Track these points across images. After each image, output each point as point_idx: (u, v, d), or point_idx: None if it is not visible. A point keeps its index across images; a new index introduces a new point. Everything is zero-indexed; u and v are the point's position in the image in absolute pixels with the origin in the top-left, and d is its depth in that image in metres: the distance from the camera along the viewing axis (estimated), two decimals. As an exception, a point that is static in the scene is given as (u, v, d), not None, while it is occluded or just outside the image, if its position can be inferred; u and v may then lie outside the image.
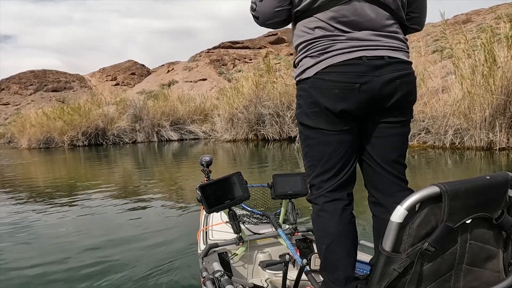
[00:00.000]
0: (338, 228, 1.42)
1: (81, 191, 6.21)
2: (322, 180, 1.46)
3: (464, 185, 1.10)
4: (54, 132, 17.97)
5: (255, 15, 1.49)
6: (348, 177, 1.47)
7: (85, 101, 20.96)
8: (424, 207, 1.10)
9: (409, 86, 1.43)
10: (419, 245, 1.11)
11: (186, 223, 4.00)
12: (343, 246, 1.42)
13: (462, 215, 1.11)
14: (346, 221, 1.44)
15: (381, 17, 1.39)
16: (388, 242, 1.12)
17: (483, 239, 1.18)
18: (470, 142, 7.83)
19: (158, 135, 17.87)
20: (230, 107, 14.50)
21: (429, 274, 1.13)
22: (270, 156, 9.71)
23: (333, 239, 1.42)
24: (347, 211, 1.45)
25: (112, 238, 3.61)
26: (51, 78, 40.26)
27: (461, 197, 1.10)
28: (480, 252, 1.18)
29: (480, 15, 27.65)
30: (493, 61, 7.53)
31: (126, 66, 43.15)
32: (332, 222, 1.43)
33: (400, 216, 1.09)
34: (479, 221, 1.16)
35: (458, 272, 1.16)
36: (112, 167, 9.78)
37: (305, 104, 1.45)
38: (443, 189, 1.08)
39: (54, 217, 4.58)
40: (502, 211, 1.19)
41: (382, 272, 1.13)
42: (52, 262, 3.06)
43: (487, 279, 1.21)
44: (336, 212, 1.43)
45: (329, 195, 1.45)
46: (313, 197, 1.50)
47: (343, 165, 1.45)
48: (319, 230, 1.47)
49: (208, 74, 33.83)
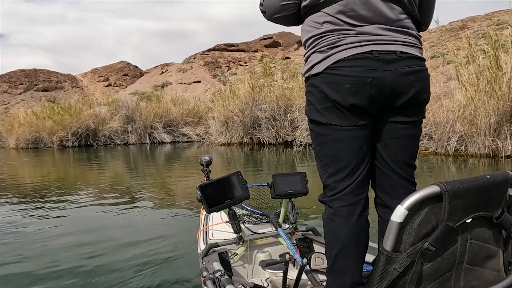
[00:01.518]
0: (352, 234, 1.39)
1: (71, 193, 6.11)
2: (336, 180, 1.41)
3: (465, 184, 1.11)
4: (43, 132, 17.73)
5: (262, 10, 1.49)
6: (363, 177, 1.41)
7: (76, 101, 20.55)
8: (425, 207, 1.10)
9: (423, 83, 1.39)
10: (420, 245, 1.11)
11: (186, 223, 4.02)
12: (354, 253, 1.40)
13: (462, 215, 1.11)
14: (361, 227, 1.40)
15: (392, 11, 1.36)
16: (389, 242, 1.12)
17: (483, 238, 1.19)
18: (474, 149, 7.65)
19: (150, 137, 17.74)
20: (226, 110, 14.38)
21: (430, 274, 1.13)
22: (266, 160, 9.64)
23: (345, 245, 1.39)
24: (362, 217, 1.41)
25: (111, 240, 3.59)
26: (41, 78, 39.73)
27: (461, 196, 1.10)
28: (481, 251, 1.19)
29: (476, 22, 27.82)
30: (498, 67, 7.35)
31: (118, 67, 42.76)
32: (346, 228, 1.39)
33: (400, 215, 1.09)
34: (479, 221, 1.16)
35: (459, 271, 1.16)
36: (104, 169, 9.64)
37: (316, 100, 1.41)
38: (443, 189, 1.08)
39: (43, 222, 4.48)
40: (502, 210, 1.19)
41: (383, 272, 1.13)
42: (47, 271, 2.94)
43: (487, 278, 1.21)
44: (351, 218, 1.39)
45: (346, 198, 1.40)
46: (328, 199, 1.44)
47: (357, 163, 1.40)
48: (331, 235, 1.43)
49: (202, 76, 33.61)
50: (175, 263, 2.86)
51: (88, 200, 5.49)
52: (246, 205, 2.37)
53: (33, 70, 39.79)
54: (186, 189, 6.08)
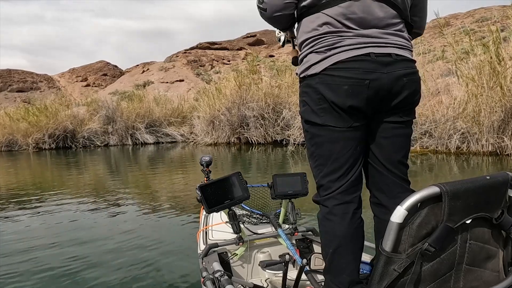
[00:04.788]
0: (348, 232, 1.42)
1: (49, 198, 5.86)
2: (331, 180, 1.45)
3: (464, 185, 1.12)
4: (18, 134, 17.06)
5: (262, 7, 1.49)
6: (357, 177, 1.47)
7: (52, 101, 19.64)
8: (424, 207, 1.12)
9: (416, 85, 1.46)
10: (419, 245, 1.12)
11: (185, 224, 4.06)
12: (350, 251, 1.43)
13: (462, 215, 1.13)
14: (356, 225, 1.44)
15: (389, 15, 1.41)
16: (388, 243, 1.13)
17: (483, 239, 1.20)
18: (476, 146, 7.34)
19: (132, 138, 17.30)
20: (212, 109, 14.01)
21: (429, 274, 1.14)
22: (254, 161, 9.51)
23: (341, 244, 1.42)
24: (357, 215, 1.46)
25: (110, 240, 3.60)
26: (16, 78, 38.40)
27: (461, 197, 1.11)
28: (480, 252, 1.19)
29: (459, 19, 28.06)
30: (499, 62, 7.06)
31: (97, 67, 41.72)
32: (342, 226, 1.42)
33: (400, 216, 1.10)
34: (479, 221, 1.18)
35: (458, 272, 1.17)
36: (84, 172, 9.26)
37: (312, 101, 1.44)
38: (443, 189, 1.09)
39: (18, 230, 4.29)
40: (502, 211, 1.20)
41: (382, 273, 1.14)
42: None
43: (487, 279, 1.22)
44: (346, 216, 1.43)
45: (340, 197, 1.44)
46: (322, 198, 1.49)
47: (351, 164, 1.45)
48: (327, 234, 1.47)
49: (185, 75, 33.05)
50: (175, 263, 2.92)
51: (71, 204, 5.28)
52: (246, 205, 2.40)
53: (7, 71, 38.48)
54: (184, 189, 6.07)
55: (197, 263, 2.01)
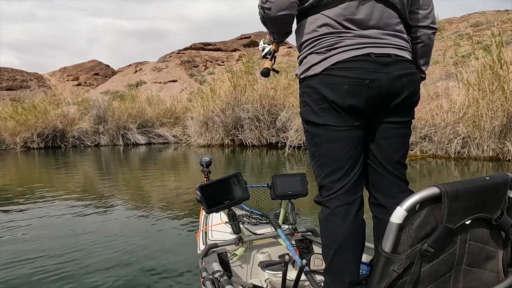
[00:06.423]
0: (349, 234, 1.43)
1: (38, 198, 5.74)
2: (332, 181, 1.46)
3: (464, 186, 1.12)
4: (5, 133, 16.79)
5: (266, 7, 1.46)
6: (358, 177, 1.47)
7: (41, 100, 19.25)
8: (424, 208, 1.12)
9: (415, 85, 1.48)
10: (419, 246, 1.13)
11: (184, 224, 4.07)
12: (351, 252, 1.43)
13: (461, 216, 1.13)
14: (357, 226, 1.45)
15: (388, 16, 1.43)
16: (388, 243, 1.13)
17: (482, 239, 1.20)
18: (477, 151, 7.21)
19: (124, 138, 17.12)
20: (205, 110, 13.86)
21: (429, 275, 1.15)
22: (249, 163, 9.41)
23: (342, 244, 1.42)
24: (358, 216, 1.46)
25: (108, 242, 3.56)
26: (5, 76, 37.86)
27: (460, 198, 1.11)
28: (480, 252, 1.20)
29: (453, 24, 28.17)
30: (501, 66, 6.95)
31: (89, 66, 41.31)
32: (343, 227, 1.43)
33: (399, 217, 1.11)
34: (478, 222, 1.18)
35: (458, 272, 1.18)
36: (74, 172, 9.08)
37: (312, 101, 1.45)
38: (442, 190, 1.10)
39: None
40: (502, 211, 1.21)
41: (382, 273, 1.14)
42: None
43: (487, 280, 1.22)
44: (348, 217, 1.43)
45: (342, 198, 1.45)
46: (324, 199, 1.49)
47: (353, 163, 1.45)
48: (328, 234, 1.47)
49: (178, 75, 32.82)
50: (174, 264, 2.92)
51: (64, 203, 5.19)
52: (245, 205, 2.41)
53: (-4, 68, 37.68)
54: (181, 190, 6.06)
55: (196, 263, 2.02)
